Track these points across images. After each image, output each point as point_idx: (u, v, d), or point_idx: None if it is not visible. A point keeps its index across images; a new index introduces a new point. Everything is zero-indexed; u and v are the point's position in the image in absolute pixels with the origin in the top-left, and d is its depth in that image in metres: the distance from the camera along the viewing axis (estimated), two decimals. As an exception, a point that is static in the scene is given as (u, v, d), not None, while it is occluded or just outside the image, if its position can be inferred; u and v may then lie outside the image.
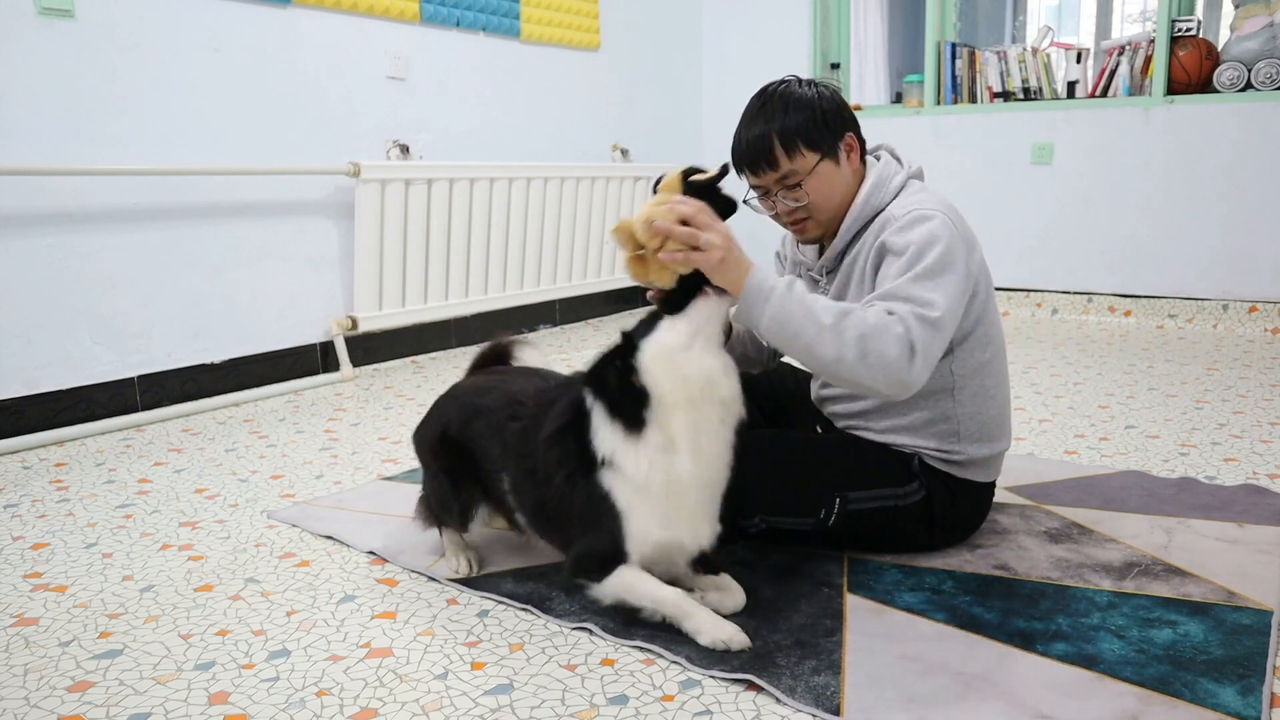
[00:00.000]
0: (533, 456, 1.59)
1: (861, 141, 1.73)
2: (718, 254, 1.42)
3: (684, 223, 1.42)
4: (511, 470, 1.65)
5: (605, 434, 1.48)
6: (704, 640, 1.46)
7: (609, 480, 1.48)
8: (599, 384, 1.50)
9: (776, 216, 1.74)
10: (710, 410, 1.47)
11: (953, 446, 1.72)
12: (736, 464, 1.66)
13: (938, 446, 1.72)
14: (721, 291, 1.47)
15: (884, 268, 1.58)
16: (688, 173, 1.51)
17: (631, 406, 1.46)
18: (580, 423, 1.52)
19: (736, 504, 1.72)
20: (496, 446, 1.68)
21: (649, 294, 1.54)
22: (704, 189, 1.50)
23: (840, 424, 1.83)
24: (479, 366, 1.99)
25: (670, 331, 1.47)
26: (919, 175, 1.77)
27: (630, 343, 1.50)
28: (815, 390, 1.92)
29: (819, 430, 1.95)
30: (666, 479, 1.46)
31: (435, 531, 1.93)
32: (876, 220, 1.68)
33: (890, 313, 1.46)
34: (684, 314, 1.48)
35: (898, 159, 1.76)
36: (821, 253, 1.79)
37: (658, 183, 1.53)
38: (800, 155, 1.65)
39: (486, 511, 1.79)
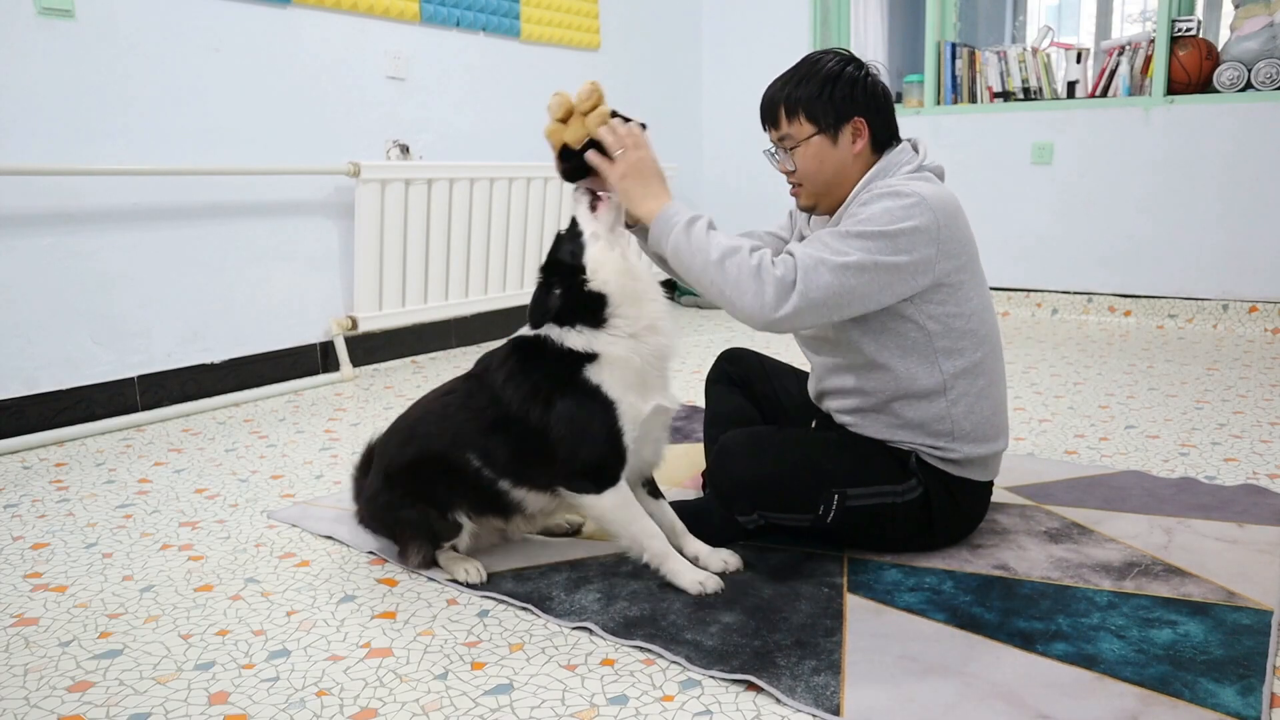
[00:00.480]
0: (493, 410, 1.68)
1: (879, 130, 1.72)
2: (623, 168, 1.65)
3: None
4: (474, 442, 1.69)
5: (576, 338, 1.64)
6: (684, 582, 1.64)
7: (595, 374, 1.63)
8: (551, 305, 1.65)
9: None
10: (651, 295, 1.68)
11: (948, 444, 1.72)
12: (734, 460, 1.67)
13: (933, 444, 1.73)
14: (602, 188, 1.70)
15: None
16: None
17: (591, 308, 1.64)
18: (532, 357, 1.67)
19: (734, 500, 1.73)
20: (448, 435, 1.72)
21: (559, 167, 1.76)
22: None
23: (838, 419, 1.83)
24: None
25: (596, 244, 1.66)
26: (936, 172, 1.76)
27: (571, 264, 1.65)
28: (813, 387, 1.92)
29: (814, 427, 1.95)
30: (640, 357, 1.64)
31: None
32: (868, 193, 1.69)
33: (774, 261, 1.56)
34: (595, 219, 1.67)
35: (916, 151, 1.76)
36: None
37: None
38: (799, 122, 1.71)
39: (470, 521, 1.75)
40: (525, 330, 1.72)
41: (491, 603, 1.67)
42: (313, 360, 3.55)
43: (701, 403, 2.99)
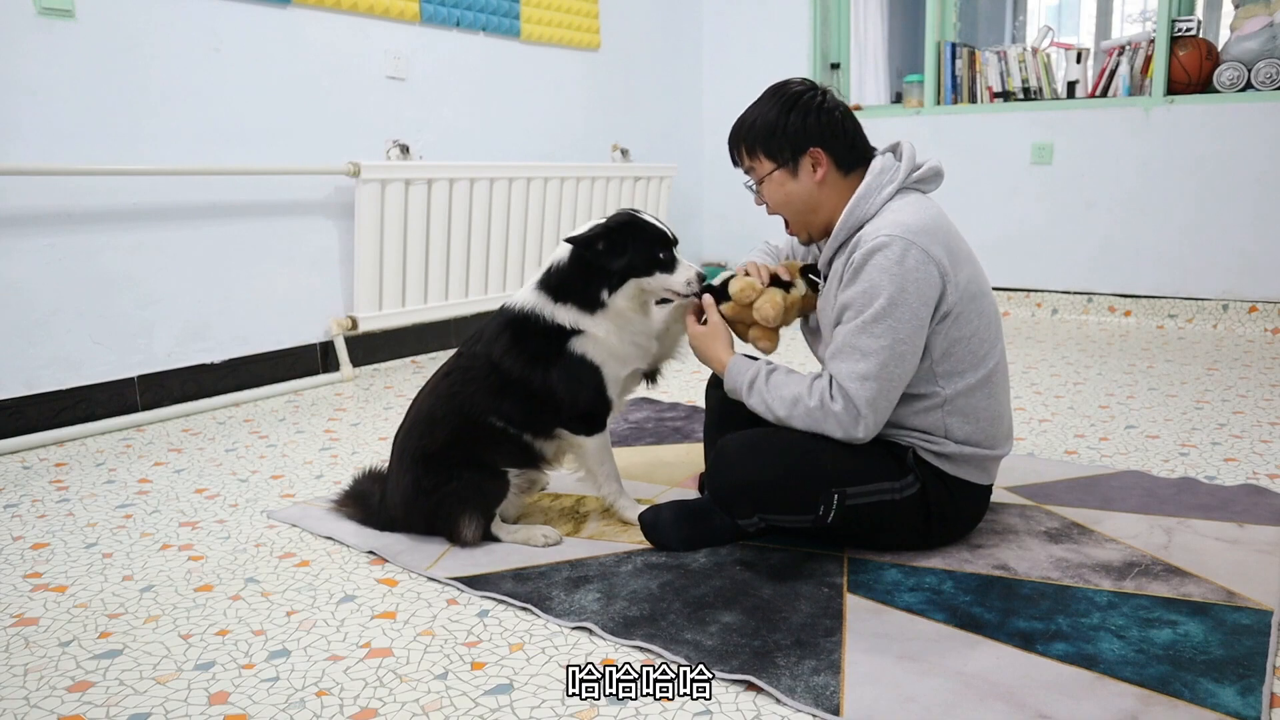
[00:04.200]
0: (496, 378, 1.87)
1: (841, 155, 1.73)
2: (700, 332, 1.86)
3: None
4: (490, 406, 1.87)
5: (565, 314, 1.85)
6: (629, 515, 1.95)
7: (580, 345, 1.86)
8: (568, 280, 1.85)
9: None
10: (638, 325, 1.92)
11: (942, 441, 1.73)
12: (733, 464, 1.72)
13: (928, 440, 1.74)
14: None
15: (842, 316, 1.68)
16: (806, 269, 1.90)
17: (591, 298, 1.84)
18: (524, 333, 1.86)
19: (734, 504, 1.73)
20: (466, 407, 1.88)
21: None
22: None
23: None
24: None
25: (629, 289, 1.86)
26: (925, 179, 1.75)
27: (610, 265, 1.83)
28: None
29: None
30: (618, 337, 1.87)
31: (435, 533, 1.94)
32: (857, 235, 1.70)
33: (831, 395, 1.66)
34: (674, 284, 1.87)
35: (899, 162, 1.74)
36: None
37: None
38: (759, 159, 1.76)
39: (512, 475, 1.92)
40: (529, 295, 1.89)
41: (491, 603, 1.67)
42: (313, 360, 3.55)
43: (703, 403, 2.99)
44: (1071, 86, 4.45)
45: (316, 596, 1.72)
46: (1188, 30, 4.11)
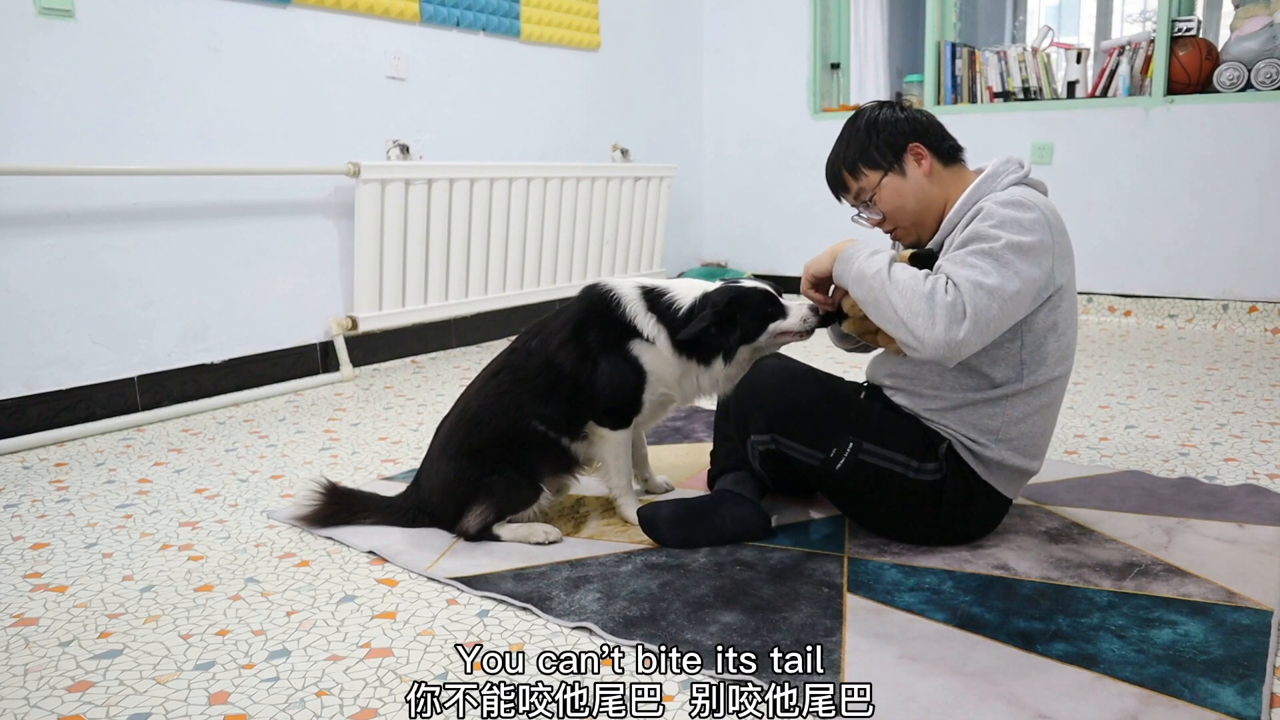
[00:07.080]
0: (545, 376, 1.92)
1: (937, 146, 1.79)
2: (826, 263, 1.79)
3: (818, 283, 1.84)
4: (535, 411, 1.91)
5: (650, 326, 1.91)
6: (629, 515, 1.96)
7: (638, 349, 1.92)
8: (703, 327, 1.86)
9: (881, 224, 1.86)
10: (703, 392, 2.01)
11: (988, 442, 1.73)
12: (765, 379, 1.81)
13: (973, 437, 1.73)
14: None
15: (973, 224, 1.65)
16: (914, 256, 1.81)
17: (705, 352, 1.90)
18: (588, 324, 1.92)
19: (752, 415, 1.78)
20: (513, 411, 1.92)
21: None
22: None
23: (888, 392, 1.84)
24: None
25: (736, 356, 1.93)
26: (1040, 187, 1.80)
27: (741, 334, 1.90)
28: (877, 369, 1.92)
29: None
30: (677, 375, 1.94)
31: (439, 532, 1.95)
32: (979, 204, 1.72)
33: (952, 283, 1.58)
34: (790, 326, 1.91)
35: (1021, 164, 1.80)
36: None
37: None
38: (864, 175, 1.81)
39: (546, 487, 1.94)
40: (628, 289, 1.95)
41: (491, 603, 1.67)
42: (313, 360, 3.55)
43: (704, 403, 2.99)
44: (1071, 86, 4.45)
45: (316, 596, 1.72)
46: (1188, 30, 4.11)
